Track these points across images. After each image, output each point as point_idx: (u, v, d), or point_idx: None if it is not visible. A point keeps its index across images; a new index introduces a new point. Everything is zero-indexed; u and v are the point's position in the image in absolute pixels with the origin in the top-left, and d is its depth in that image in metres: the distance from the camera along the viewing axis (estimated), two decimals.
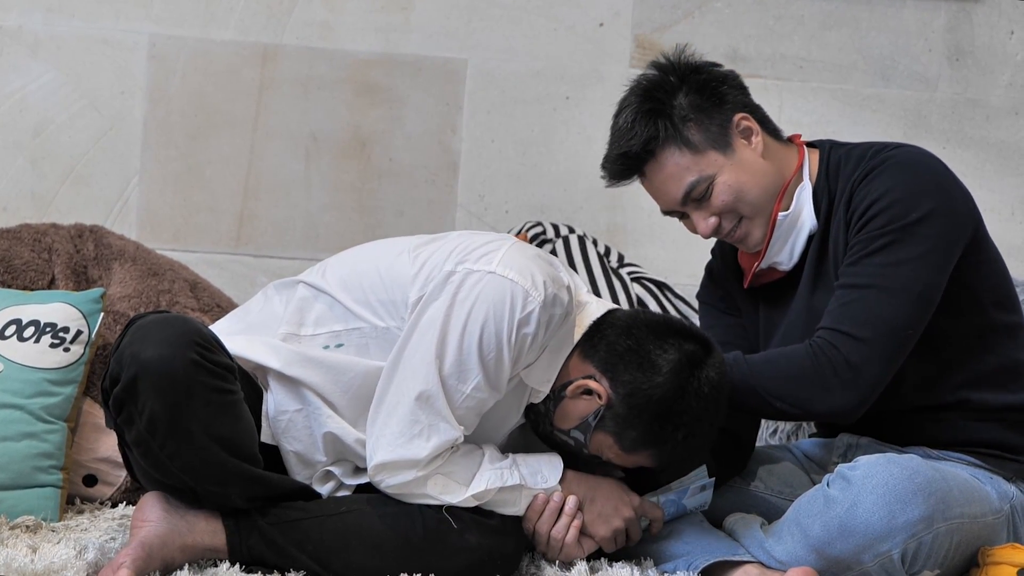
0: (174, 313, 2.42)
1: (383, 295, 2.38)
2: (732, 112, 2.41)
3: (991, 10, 3.51)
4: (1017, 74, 3.52)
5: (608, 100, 3.46)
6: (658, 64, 2.43)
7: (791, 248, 2.45)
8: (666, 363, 2.29)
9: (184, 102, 3.39)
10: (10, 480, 2.67)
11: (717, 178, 2.39)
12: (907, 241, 2.32)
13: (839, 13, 3.47)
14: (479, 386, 2.29)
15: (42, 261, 3.15)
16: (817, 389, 2.32)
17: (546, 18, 3.44)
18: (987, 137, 3.50)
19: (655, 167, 2.40)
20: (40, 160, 3.36)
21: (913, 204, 2.32)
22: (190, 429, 2.23)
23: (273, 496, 2.33)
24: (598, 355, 2.34)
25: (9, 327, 2.78)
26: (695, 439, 2.31)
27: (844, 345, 2.31)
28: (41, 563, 2.28)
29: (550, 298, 2.29)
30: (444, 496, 2.32)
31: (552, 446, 2.42)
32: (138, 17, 3.36)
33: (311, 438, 2.40)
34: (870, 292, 2.31)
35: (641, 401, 2.29)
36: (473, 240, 2.37)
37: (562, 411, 2.36)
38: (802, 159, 2.46)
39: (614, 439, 2.33)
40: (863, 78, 3.50)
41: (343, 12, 3.41)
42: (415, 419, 2.29)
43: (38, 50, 3.34)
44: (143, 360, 2.21)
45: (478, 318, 2.28)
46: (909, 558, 2.20)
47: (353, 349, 2.39)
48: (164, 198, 3.39)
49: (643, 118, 2.39)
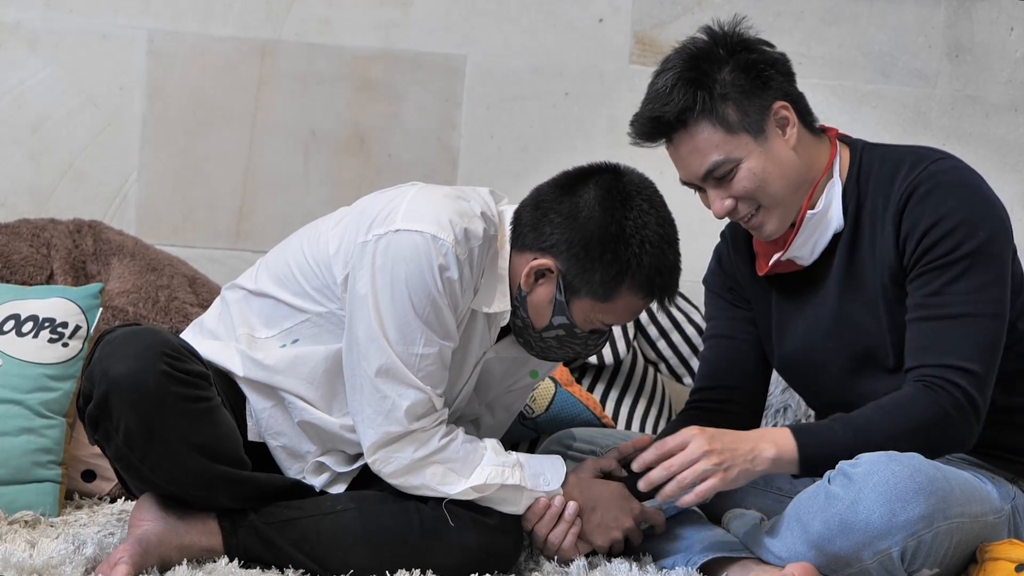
0: (142, 325, 2.40)
1: (316, 281, 2.39)
2: (773, 98, 2.35)
3: (991, 7, 3.50)
4: (1017, 71, 3.52)
5: (607, 96, 3.47)
6: (711, 31, 2.37)
7: (814, 244, 2.42)
8: (584, 202, 2.31)
9: (183, 98, 3.38)
10: (9, 475, 2.67)
11: (743, 163, 2.34)
12: (983, 264, 2.30)
13: (839, 9, 3.46)
14: (429, 342, 2.30)
15: (41, 256, 3.15)
16: (950, 430, 2.29)
17: (545, 14, 3.44)
18: (986, 134, 3.50)
19: (685, 137, 2.35)
20: (39, 155, 3.36)
21: (977, 226, 2.30)
22: (167, 440, 2.23)
23: (263, 496, 2.33)
24: (526, 240, 2.35)
25: (8, 322, 2.78)
26: (653, 245, 2.30)
27: (963, 380, 2.28)
28: (40, 558, 2.28)
29: (461, 235, 2.29)
30: (443, 487, 2.32)
31: (551, 354, 2.42)
32: (137, 12, 3.36)
33: (293, 429, 2.41)
34: (967, 321, 2.29)
35: (584, 246, 2.30)
36: (377, 202, 2.37)
37: (533, 310, 2.37)
38: (834, 156, 2.42)
39: (589, 297, 2.33)
40: (863, 74, 3.49)
41: (342, 8, 3.40)
42: (383, 394, 2.30)
43: (36, 45, 3.34)
44: (113, 376, 2.20)
45: (400, 280, 2.28)
46: (909, 556, 2.19)
47: (308, 340, 2.40)
48: (163, 194, 3.39)
49: (683, 86, 2.33)
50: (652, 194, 2.35)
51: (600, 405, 3.12)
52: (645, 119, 2.37)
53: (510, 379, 2.51)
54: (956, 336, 2.29)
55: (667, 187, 2.41)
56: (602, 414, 3.09)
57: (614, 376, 3.20)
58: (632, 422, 3.17)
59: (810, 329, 2.45)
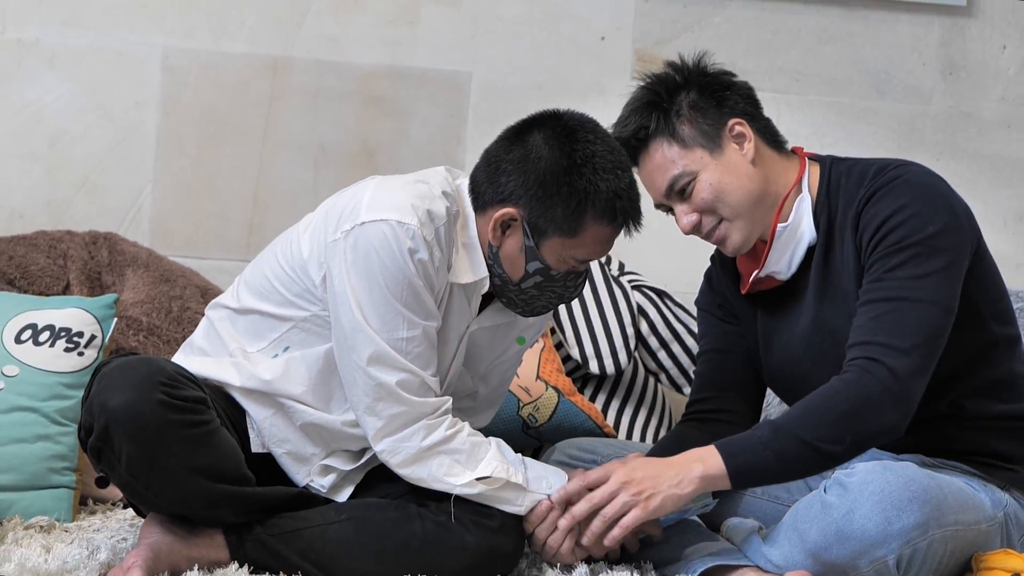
0: (137, 356, 2.40)
1: (296, 287, 2.39)
2: (729, 116, 2.40)
3: (984, 25, 3.50)
4: (1009, 88, 3.52)
5: (610, 113, 3.45)
6: (673, 64, 2.44)
7: (790, 258, 2.44)
8: (532, 145, 2.32)
9: (196, 113, 3.39)
10: (25, 481, 2.67)
11: (700, 175, 2.38)
12: (927, 255, 2.30)
13: (835, 28, 3.46)
14: (412, 325, 2.30)
15: (57, 267, 3.15)
16: (869, 412, 2.26)
17: (549, 32, 3.44)
18: (980, 150, 3.49)
19: (645, 157, 2.41)
20: (56, 169, 3.36)
21: (927, 219, 2.31)
22: (169, 466, 2.23)
23: (267, 508, 2.33)
24: (485, 197, 2.36)
25: (25, 331, 2.78)
26: (606, 171, 2.31)
27: (886, 357, 2.26)
28: (55, 563, 2.28)
29: (425, 216, 2.30)
30: (449, 478, 2.32)
31: (535, 305, 2.42)
32: (152, 30, 3.36)
33: (296, 434, 2.41)
34: (902, 304, 2.28)
35: (540, 185, 2.30)
36: (340, 201, 2.38)
37: (507, 262, 2.37)
38: (802, 172, 2.45)
39: (557, 235, 2.33)
40: (858, 91, 3.49)
41: (351, 26, 3.40)
42: (377, 381, 2.30)
43: (54, 62, 3.34)
44: (111, 408, 2.20)
45: (374, 270, 2.29)
46: (904, 564, 2.19)
47: (298, 345, 2.40)
48: (176, 206, 3.39)
49: (640, 109, 2.41)
50: (595, 127, 2.37)
51: (602, 415, 3.12)
52: None
53: (498, 348, 2.51)
54: (890, 318, 2.29)
55: None
56: (604, 423, 3.09)
57: (615, 386, 3.20)
58: (633, 431, 3.17)
59: (792, 341, 2.46)
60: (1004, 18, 3.50)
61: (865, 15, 3.47)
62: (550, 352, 3.11)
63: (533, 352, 3.07)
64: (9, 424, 2.69)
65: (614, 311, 3.15)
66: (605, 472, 2.32)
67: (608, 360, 3.13)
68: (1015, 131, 3.52)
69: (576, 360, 3.15)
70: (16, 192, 3.35)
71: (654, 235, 3.44)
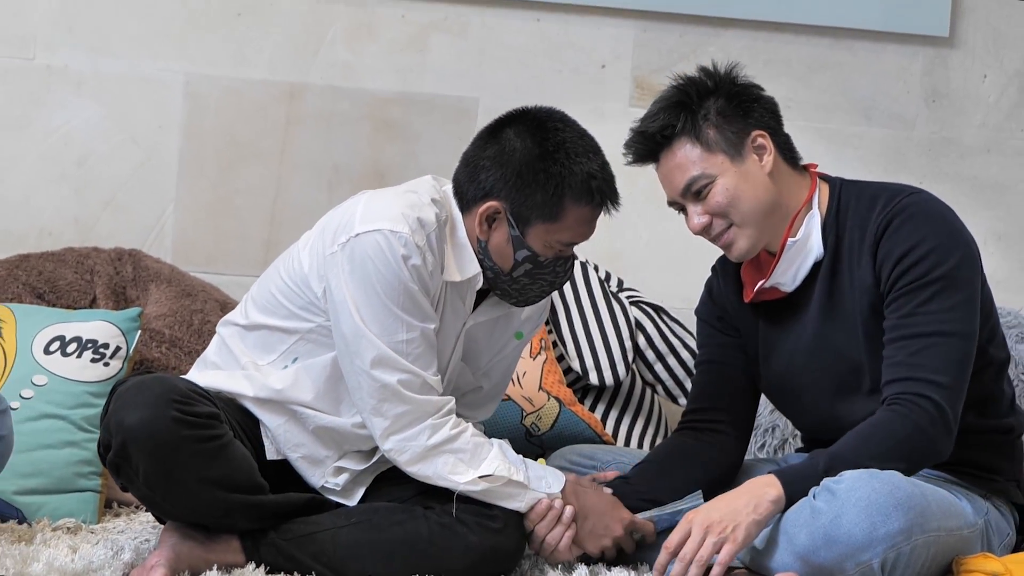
0: (152, 374, 2.40)
1: (300, 300, 2.40)
2: (753, 127, 2.38)
3: (965, 55, 3.51)
4: (989, 115, 3.52)
5: (609, 137, 3.45)
6: (705, 69, 2.42)
7: (795, 272, 2.42)
8: (506, 141, 2.34)
9: (216, 136, 3.39)
10: (53, 485, 2.68)
11: (718, 179, 2.36)
12: (953, 288, 2.31)
13: (824, 57, 3.47)
14: (410, 327, 2.31)
15: (84, 282, 3.15)
16: (923, 443, 2.27)
17: (552, 60, 3.44)
18: (961, 173, 3.49)
19: (668, 154, 2.38)
20: (83, 189, 3.36)
21: (947, 253, 2.31)
22: (185, 480, 2.23)
23: (280, 515, 2.33)
24: (469, 196, 2.37)
25: (53, 343, 2.78)
26: (577, 154, 2.33)
27: (931, 392, 2.27)
28: (81, 562, 2.28)
29: (415, 224, 2.31)
30: (453, 476, 2.32)
31: (528, 294, 2.42)
32: (175, 57, 3.37)
33: (309, 438, 2.41)
34: (937, 339, 2.29)
35: (517, 175, 2.31)
36: (335, 216, 2.40)
37: (496, 254, 2.37)
38: (813, 189, 2.43)
39: (540, 221, 2.34)
40: (846, 117, 3.49)
41: (364, 54, 3.41)
42: (382, 384, 2.30)
43: (82, 87, 3.35)
44: (127, 426, 2.21)
45: (371, 278, 2.29)
46: (888, 567, 2.18)
47: (306, 355, 2.41)
48: (197, 225, 3.39)
49: (669, 108, 2.38)
50: (562, 116, 2.39)
51: (601, 423, 3.11)
52: (634, 135, 2.42)
53: (497, 343, 2.50)
54: (927, 353, 2.29)
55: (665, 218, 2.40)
56: (603, 432, 3.09)
57: (614, 397, 3.20)
58: (631, 439, 3.16)
59: (793, 353, 2.45)
60: (985, 49, 3.50)
61: (852, 45, 3.48)
62: (552, 364, 3.11)
63: (536, 364, 3.07)
64: (38, 431, 2.69)
65: (613, 325, 3.15)
66: (684, 529, 2.25)
67: (607, 372, 3.13)
68: (994, 155, 3.52)
69: (577, 372, 3.15)
70: (45, 210, 3.36)
71: (652, 253, 3.46)
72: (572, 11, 3.44)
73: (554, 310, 3.18)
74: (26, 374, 2.74)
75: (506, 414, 2.98)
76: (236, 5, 3.37)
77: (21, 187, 3.35)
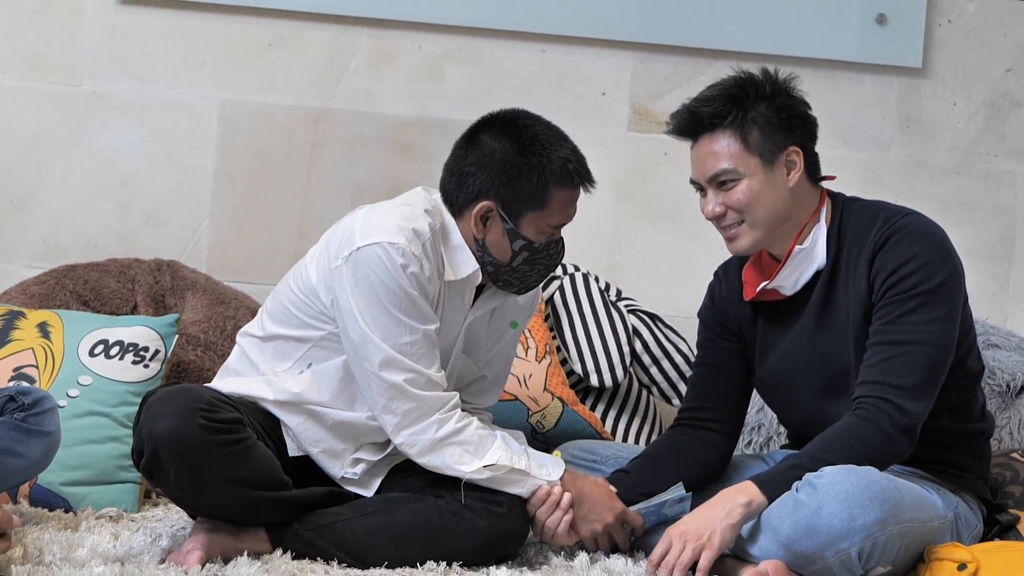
0: (178, 385, 2.41)
1: (310, 310, 2.41)
2: (791, 142, 2.37)
3: (937, 85, 3.51)
4: (959, 139, 3.52)
5: (609, 159, 3.48)
6: (766, 72, 2.39)
7: (797, 278, 2.42)
8: (484, 145, 2.36)
9: (248, 156, 3.40)
10: (96, 477, 2.68)
11: (745, 179, 2.35)
12: (934, 303, 2.31)
13: (807, 86, 3.40)
14: (413, 330, 2.32)
15: (126, 291, 3.16)
16: (884, 445, 2.28)
17: (557, 88, 3.45)
18: (932, 193, 3.50)
19: (708, 140, 2.36)
20: (125, 204, 3.38)
21: (934, 270, 2.32)
22: (213, 481, 2.24)
23: (302, 507, 2.33)
24: (459, 202, 2.38)
25: (98, 346, 2.79)
26: (550, 144, 2.35)
27: (896, 397, 2.28)
28: (122, 548, 2.29)
29: (411, 234, 2.32)
30: (460, 466, 2.33)
31: (528, 281, 2.43)
32: (210, 84, 3.38)
33: (328, 433, 2.41)
34: (911, 347, 2.29)
35: (502, 173, 2.33)
36: (337, 232, 2.40)
37: (495, 248, 2.38)
38: (822, 204, 2.43)
39: (530, 210, 2.36)
40: (827, 141, 3.44)
41: (384, 81, 3.42)
42: (391, 383, 2.31)
43: (126, 111, 3.36)
44: (157, 434, 2.22)
45: (373, 287, 2.30)
46: (865, 555, 2.19)
47: (320, 360, 2.42)
48: (230, 238, 3.40)
49: (725, 98, 2.36)
50: (527, 113, 2.41)
51: (600, 422, 3.12)
52: (684, 111, 2.39)
53: (495, 333, 2.52)
54: (899, 360, 2.30)
55: (660, 234, 2.40)
56: (602, 430, 3.09)
57: (613, 397, 3.20)
58: (628, 436, 3.16)
59: (788, 354, 2.45)
60: (954, 79, 3.51)
61: (833, 75, 3.48)
62: (556, 367, 3.11)
63: (541, 367, 3.08)
64: (83, 427, 2.70)
65: (612, 332, 3.16)
66: (664, 543, 2.26)
67: (607, 374, 3.13)
68: (963, 177, 3.53)
69: (579, 374, 3.16)
70: (91, 225, 3.37)
71: (648, 266, 3.47)
72: (575, 43, 3.44)
73: (558, 317, 3.19)
74: (72, 375, 2.75)
75: (513, 413, 2.99)
76: (267, 37, 3.39)
77: (69, 203, 3.36)
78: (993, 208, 3.52)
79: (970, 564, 2.19)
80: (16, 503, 2.61)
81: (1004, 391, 3.01)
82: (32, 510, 2.58)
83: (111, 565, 2.18)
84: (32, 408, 2.31)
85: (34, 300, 3.03)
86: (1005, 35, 3.51)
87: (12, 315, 2.87)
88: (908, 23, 3.43)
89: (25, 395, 2.32)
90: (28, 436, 2.30)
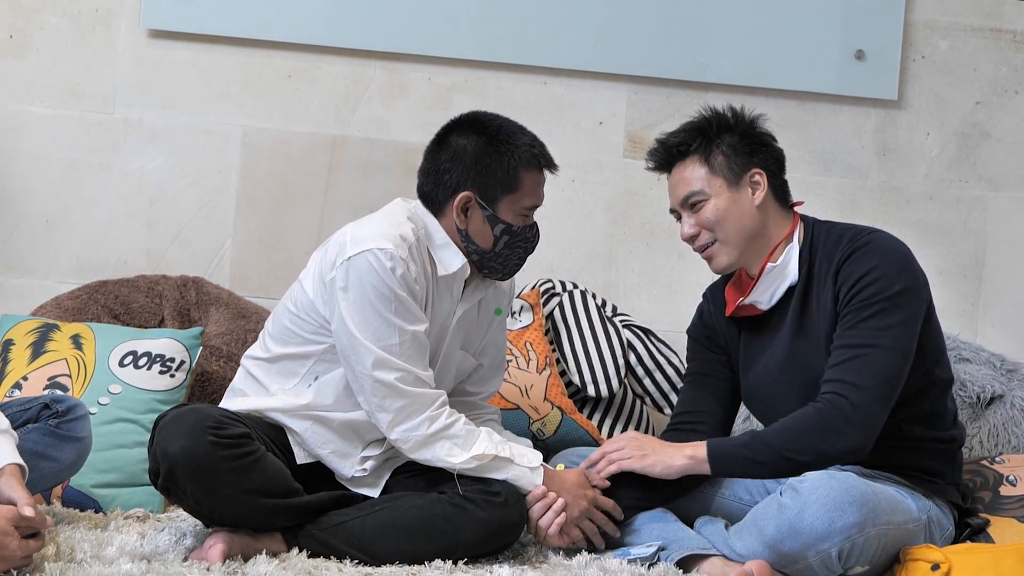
0: (187, 406, 2.41)
1: (309, 326, 2.42)
2: (755, 165, 2.42)
3: (911, 116, 3.52)
4: (932, 167, 3.53)
5: (605, 183, 3.48)
6: (733, 110, 2.47)
7: (772, 293, 2.44)
8: (455, 143, 2.41)
9: (269, 180, 3.40)
10: (125, 480, 2.68)
11: (712, 199, 2.40)
12: (892, 310, 2.32)
13: (790, 116, 3.48)
14: (402, 332, 2.33)
15: (154, 305, 3.16)
16: (831, 435, 2.29)
17: (557, 117, 3.46)
18: (908, 217, 3.50)
19: (679, 167, 2.44)
20: (154, 224, 3.38)
21: (893, 280, 2.33)
22: (226, 494, 2.24)
23: (313, 511, 2.34)
24: (439, 199, 2.42)
25: (127, 357, 2.79)
26: (513, 133, 2.42)
27: (850, 394, 2.29)
28: (148, 547, 2.29)
29: (398, 240, 2.35)
30: (450, 458, 2.34)
31: (511, 263, 2.46)
32: (234, 113, 3.39)
33: (335, 433, 2.42)
34: (868, 351, 2.31)
35: (475, 164, 2.38)
36: (327, 248, 2.43)
37: (478, 236, 2.42)
38: (795, 226, 2.46)
39: (505, 195, 2.40)
40: (808, 168, 3.50)
41: (396, 111, 3.43)
42: (383, 382, 2.33)
43: (155, 138, 3.37)
44: (171, 454, 2.22)
45: (365, 292, 2.32)
46: (844, 555, 2.19)
47: (324, 372, 2.43)
48: (252, 256, 3.40)
49: (692, 131, 2.45)
50: (486, 112, 2.48)
51: (597, 430, 3.11)
52: (657, 145, 2.48)
53: (483, 323, 2.54)
54: (857, 362, 2.31)
55: (653, 253, 2.40)
56: (599, 436, 3.08)
57: (608, 407, 3.20)
58: None
59: (768, 365, 2.46)
60: (928, 110, 3.52)
61: (814, 106, 3.49)
62: (555, 378, 3.11)
63: (542, 378, 3.08)
64: (113, 433, 2.70)
65: (608, 345, 3.15)
66: (621, 440, 2.41)
67: (603, 385, 3.13)
68: (936, 202, 3.53)
69: (577, 385, 3.15)
70: (121, 243, 3.37)
71: (642, 284, 3.47)
72: (574, 75, 3.45)
73: (557, 331, 3.19)
74: (103, 384, 2.75)
75: (515, 421, 2.98)
76: (287, 69, 3.39)
77: (101, 223, 3.36)
78: (964, 231, 3.52)
79: (943, 564, 2.19)
80: (49, 504, 2.61)
81: (975, 402, 3.01)
82: (64, 510, 2.58)
83: (138, 563, 2.18)
84: (65, 415, 2.31)
85: (68, 314, 3.03)
86: (975, 70, 3.51)
87: (47, 328, 2.87)
88: (885, 58, 3.44)
89: (59, 403, 2.32)
90: (61, 441, 2.30)
